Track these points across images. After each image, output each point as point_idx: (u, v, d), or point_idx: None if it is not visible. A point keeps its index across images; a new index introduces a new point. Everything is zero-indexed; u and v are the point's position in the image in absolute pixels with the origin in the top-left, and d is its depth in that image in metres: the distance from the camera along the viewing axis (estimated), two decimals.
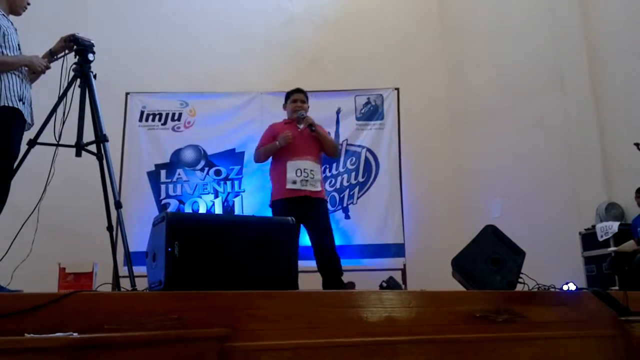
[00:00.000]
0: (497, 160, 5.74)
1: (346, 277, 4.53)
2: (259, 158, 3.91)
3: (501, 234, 2.79)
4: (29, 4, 2.94)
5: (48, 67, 2.91)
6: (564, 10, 5.31)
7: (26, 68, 2.81)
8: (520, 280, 2.74)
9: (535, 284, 2.87)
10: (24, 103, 2.74)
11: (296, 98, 3.91)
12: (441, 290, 2.48)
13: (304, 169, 3.69)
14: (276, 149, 3.75)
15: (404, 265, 4.95)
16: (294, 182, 3.65)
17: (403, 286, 4.40)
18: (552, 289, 2.84)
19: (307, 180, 3.68)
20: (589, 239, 4.59)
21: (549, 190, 5.20)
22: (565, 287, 2.90)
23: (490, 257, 2.70)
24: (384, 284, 3.09)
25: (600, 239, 4.46)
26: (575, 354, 2.44)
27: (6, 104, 2.63)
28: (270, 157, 3.89)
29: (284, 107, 4.02)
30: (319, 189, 3.77)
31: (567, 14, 5.28)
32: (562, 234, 4.87)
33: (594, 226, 4.61)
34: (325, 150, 3.90)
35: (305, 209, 3.60)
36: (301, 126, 3.84)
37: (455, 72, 6.40)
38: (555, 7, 5.39)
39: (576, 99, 5.17)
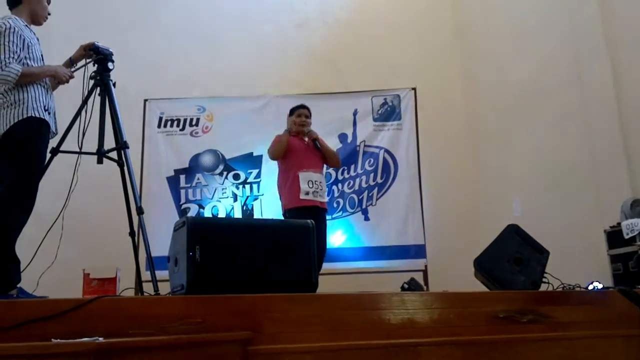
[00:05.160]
0: (517, 158, 5.65)
1: (367, 279, 4.54)
2: (274, 153, 4.09)
3: (524, 233, 2.74)
4: (49, 14, 2.99)
5: (72, 77, 2.96)
6: (582, 0, 5.20)
7: (51, 78, 2.86)
8: (544, 280, 2.69)
9: (560, 284, 2.82)
10: (49, 113, 2.79)
11: (301, 113, 4.14)
12: (464, 291, 2.45)
13: (315, 181, 3.94)
14: (288, 136, 3.99)
15: (425, 266, 4.90)
16: (307, 193, 3.88)
17: (425, 287, 4.37)
18: (578, 289, 2.79)
19: (317, 192, 3.93)
20: (614, 236, 4.47)
21: (572, 187, 5.10)
22: (590, 287, 2.85)
23: (513, 257, 2.66)
24: (406, 286, 3.06)
25: (626, 237, 4.35)
26: (602, 354, 2.39)
27: (33, 115, 2.68)
28: (278, 169, 4.13)
29: (288, 120, 4.23)
30: (326, 199, 4.09)
31: (585, 4, 5.17)
32: (587, 232, 4.76)
33: (619, 223, 4.52)
34: (328, 162, 4.19)
35: (314, 219, 3.66)
36: (306, 139, 4.08)
37: (472, 70, 6.33)
38: None
39: (596, 92, 5.04)
